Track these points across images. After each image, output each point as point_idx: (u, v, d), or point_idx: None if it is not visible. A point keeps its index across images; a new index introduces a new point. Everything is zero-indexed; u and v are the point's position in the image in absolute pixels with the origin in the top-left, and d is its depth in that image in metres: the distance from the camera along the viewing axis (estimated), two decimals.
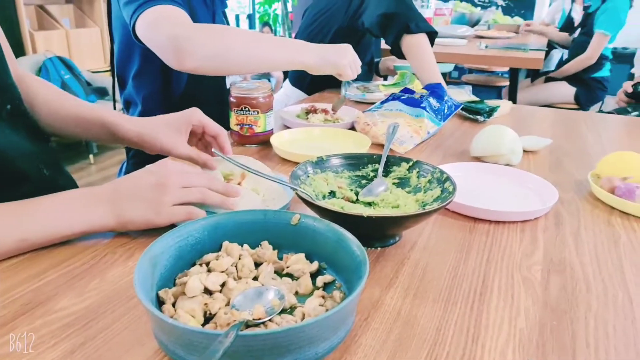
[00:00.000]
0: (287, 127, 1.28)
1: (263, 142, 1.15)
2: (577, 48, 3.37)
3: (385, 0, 1.52)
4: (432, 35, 1.54)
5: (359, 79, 1.86)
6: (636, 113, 1.88)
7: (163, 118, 0.86)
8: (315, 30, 1.86)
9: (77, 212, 0.66)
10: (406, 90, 1.38)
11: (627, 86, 2.14)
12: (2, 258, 0.63)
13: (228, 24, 1.45)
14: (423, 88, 1.40)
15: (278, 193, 0.80)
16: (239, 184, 0.80)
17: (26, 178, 0.79)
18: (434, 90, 1.35)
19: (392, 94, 1.39)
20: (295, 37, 2.03)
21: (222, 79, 1.45)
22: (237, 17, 7.44)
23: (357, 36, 1.79)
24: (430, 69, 1.49)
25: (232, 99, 1.12)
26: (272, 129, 1.16)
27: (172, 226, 0.64)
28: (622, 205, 0.83)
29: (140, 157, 1.33)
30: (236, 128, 1.14)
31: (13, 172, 0.77)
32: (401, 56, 1.57)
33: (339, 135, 1.18)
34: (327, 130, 1.21)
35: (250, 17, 7.48)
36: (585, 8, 3.54)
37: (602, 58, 3.27)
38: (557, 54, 3.99)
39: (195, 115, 0.85)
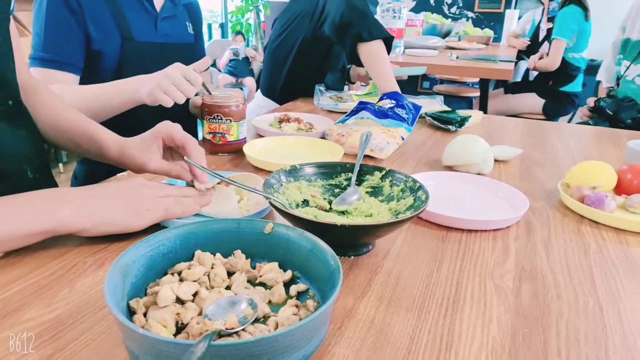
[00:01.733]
0: (260, 136, 1.27)
1: (235, 151, 1.14)
2: None
3: (339, 10, 1.52)
4: (388, 40, 1.53)
5: (332, 87, 1.87)
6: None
7: (140, 136, 0.86)
8: (283, 40, 1.87)
9: (44, 209, 0.63)
10: (365, 103, 1.39)
11: (590, 101, 2.22)
12: None
13: (192, 33, 1.40)
14: (380, 99, 1.40)
15: (261, 198, 0.79)
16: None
17: (4, 177, 0.77)
18: (396, 100, 1.36)
19: (358, 104, 1.39)
20: (265, 47, 2.03)
21: None
22: (209, 26, 7.40)
23: (324, 45, 1.80)
24: (385, 77, 1.49)
25: (204, 108, 1.11)
26: (244, 138, 1.15)
27: (144, 235, 0.63)
28: (591, 214, 0.85)
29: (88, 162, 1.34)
30: (208, 137, 1.12)
31: None
32: (360, 64, 1.57)
33: (312, 144, 1.18)
34: (300, 139, 1.21)
35: (223, 27, 7.45)
36: (550, 19, 3.63)
37: (574, 70, 3.35)
38: (524, 65, 4.09)
39: (163, 129, 0.83)
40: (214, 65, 6.48)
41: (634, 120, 1.95)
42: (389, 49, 1.53)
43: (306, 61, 1.85)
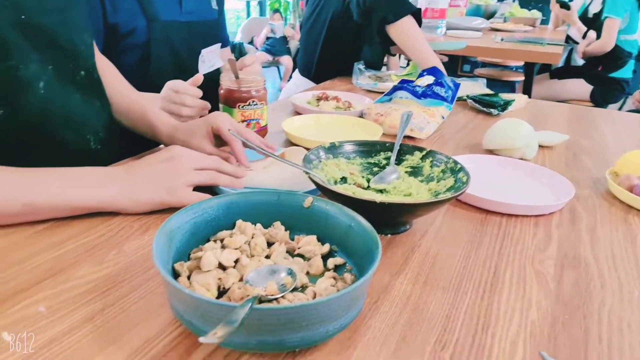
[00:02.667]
0: (298, 114, 1.27)
1: (264, 136, 1.11)
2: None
3: None
4: (417, 13, 1.49)
5: (370, 60, 1.84)
6: None
7: (190, 122, 0.91)
8: (315, 17, 1.85)
9: (90, 187, 0.67)
10: (405, 81, 1.36)
11: None
12: (8, 222, 0.64)
13: (216, 9, 1.39)
14: (419, 76, 1.37)
15: (299, 181, 0.78)
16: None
17: (64, 146, 0.80)
18: (435, 76, 1.32)
19: (394, 86, 1.37)
20: (301, 26, 2.01)
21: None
22: (247, 3, 7.39)
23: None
24: (420, 51, 1.46)
25: (234, 95, 1.02)
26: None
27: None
28: None
29: None
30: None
31: (55, 138, 0.79)
32: (392, 43, 1.54)
33: (350, 123, 1.17)
34: (337, 117, 1.21)
35: (261, 4, 7.44)
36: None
37: (625, 54, 3.20)
38: (566, 50, 3.94)
39: (213, 119, 0.86)
40: (251, 42, 6.49)
41: None
42: (419, 22, 1.49)
43: (339, 37, 1.82)
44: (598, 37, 3.24)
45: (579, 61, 3.48)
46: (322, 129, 1.16)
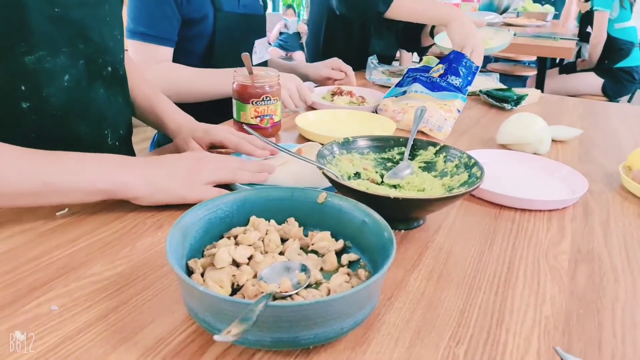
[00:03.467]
0: (312, 109, 1.27)
1: (278, 132, 1.12)
2: None
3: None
4: None
5: (382, 54, 1.82)
6: None
7: (195, 127, 0.91)
8: (315, 13, 1.84)
9: (108, 169, 0.66)
10: (420, 70, 1.34)
11: None
12: (31, 202, 0.64)
13: (262, 4, 1.45)
14: (439, 63, 1.34)
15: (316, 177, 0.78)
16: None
17: (81, 140, 0.81)
18: (450, 64, 1.29)
19: (407, 71, 1.35)
20: (308, 22, 2.01)
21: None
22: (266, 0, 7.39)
23: None
24: (433, 12, 1.44)
25: (248, 90, 1.01)
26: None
27: None
28: None
29: None
30: (255, 121, 1.03)
31: (73, 131, 0.80)
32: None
33: (364, 118, 1.17)
34: (352, 113, 1.20)
35: (274, 0, 7.43)
36: None
37: (624, 43, 3.17)
38: (577, 46, 3.90)
39: (216, 136, 0.88)
40: None
41: None
42: None
43: (340, 33, 1.81)
44: None
45: (585, 56, 3.45)
46: (336, 124, 1.15)
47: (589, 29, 3.37)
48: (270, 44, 6.26)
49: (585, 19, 3.48)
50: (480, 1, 3.56)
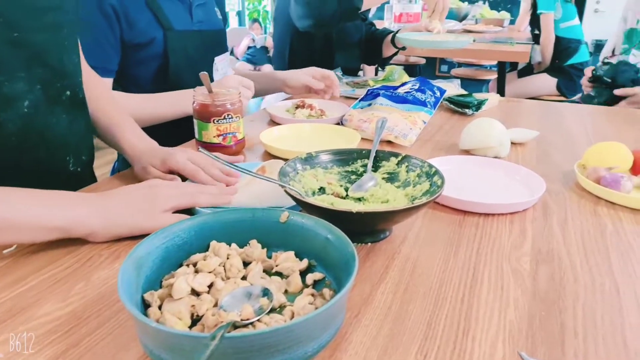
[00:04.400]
0: (275, 123, 1.27)
1: (242, 149, 1.10)
2: None
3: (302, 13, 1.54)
4: None
5: (346, 67, 1.84)
6: (598, 100, 1.86)
7: (154, 155, 0.88)
8: (280, 28, 1.85)
9: (60, 206, 0.64)
10: (383, 87, 1.36)
11: (588, 72, 2.12)
12: None
13: (221, 18, 1.44)
14: (406, 84, 1.37)
15: (280, 197, 0.77)
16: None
17: (42, 164, 0.79)
18: (418, 85, 1.33)
19: (371, 90, 1.37)
20: (273, 38, 2.01)
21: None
22: (226, 14, 7.41)
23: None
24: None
25: (209, 109, 1.00)
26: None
27: None
28: (608, 195, 0.83)
29: None
30: (217, 140, 1.02)
31: (33, 157, 0.78)
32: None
33: (329, 131, 1.17)
34: (316, 126, 1.20)
35: (240, 14, 7.43)
36: None
37: (571, 42, 3.27)
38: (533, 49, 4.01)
39: (169, 161, 0.85)
40: (231, 53, 6.48)
41: (634, 82, 1.86)
42: None
43: (303, 47, 1.81)
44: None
45: (538, 58, 3.54)
46: (301, 139, 1.15)
47: (537, 32, 3.48)
48: (238, 58, 6.25)
49: (533, 23, 3.58)
50: None
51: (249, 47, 6.20)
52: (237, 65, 6.04)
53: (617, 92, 1.67)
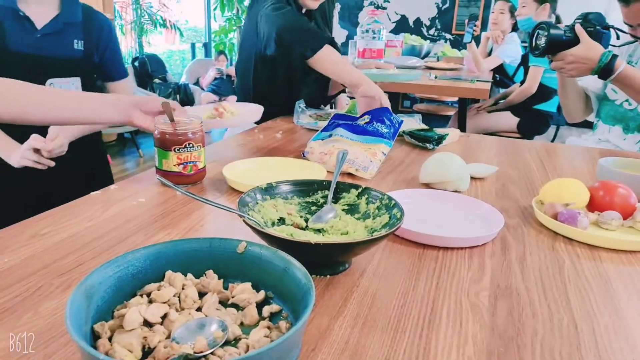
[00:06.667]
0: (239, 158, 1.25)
1: (203, 178, 1.08)
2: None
3: (272, 34, 1.53)
4: (332, 42, 1.53)
5: (310, 101, 1.85)
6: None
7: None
8: (243, 59, 1.86)
9: None
10: (345, 117, 1.38)
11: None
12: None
13: (81, 49, 1.49)
14: (365, 114, 1.39)
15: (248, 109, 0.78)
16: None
17: None
18: (376, 114, 1.34)
19: (332, 118, 1.38)
20: (236, 68, 2.01)
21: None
22: (193, 45, 7.41)
23: (280, 60, 1.77)
24: (348, 73, 1.48)
25: (170, 137, 0.99)
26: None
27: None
28: (565, 231, 0.85)
29: None
30: (177, 169, 1.01)
31: None
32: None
33: (293, 165, 1.17)
34: (280, 160, 1.20)
35: (206, 46, 7.46)
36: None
37: (553, 92, 3.40)
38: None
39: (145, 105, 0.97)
40: (196, 83, 6.48)
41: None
42: (336, 48, 1.54)
43: (268, 78, 1.81)
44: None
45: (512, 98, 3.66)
46: (264, 172, 1.14)
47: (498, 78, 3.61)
48: (203, 89, 6.24)
49: (497, 70, 3.74)
50: (403, 47, 3.73)
51: (215, 79, 6.24)
52: (202, 95, 6.04)
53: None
